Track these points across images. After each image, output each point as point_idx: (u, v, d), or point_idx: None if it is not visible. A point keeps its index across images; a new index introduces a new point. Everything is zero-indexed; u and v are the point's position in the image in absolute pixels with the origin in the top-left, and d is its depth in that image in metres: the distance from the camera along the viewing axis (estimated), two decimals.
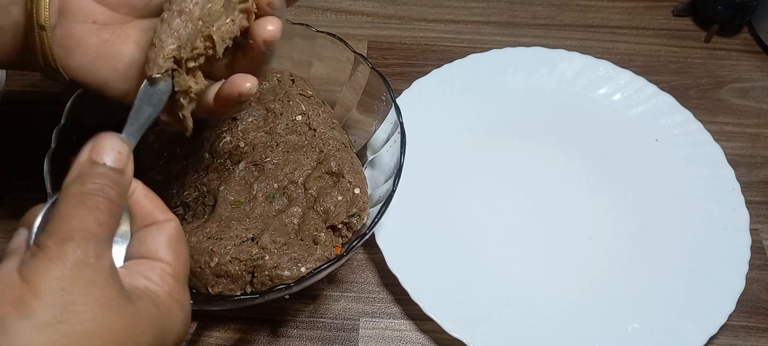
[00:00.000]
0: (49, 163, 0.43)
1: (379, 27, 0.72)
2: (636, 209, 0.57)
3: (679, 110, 0.62)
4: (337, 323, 0.50)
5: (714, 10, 0.70)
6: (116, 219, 0.28)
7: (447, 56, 0.65)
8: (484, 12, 0.74)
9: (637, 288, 0.52)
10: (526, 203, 0.57)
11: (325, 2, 0.73)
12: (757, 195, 0.59)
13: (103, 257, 0.26)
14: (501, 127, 0.62)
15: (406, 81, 0.63)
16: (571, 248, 0.54)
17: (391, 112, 0.50)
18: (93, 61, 0.34)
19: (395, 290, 0.51)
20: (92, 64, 0.34)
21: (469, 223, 0.55)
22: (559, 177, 0.59)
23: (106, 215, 0.27)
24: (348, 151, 0.50)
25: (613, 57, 0.67)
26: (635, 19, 0.74)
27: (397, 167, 0.47)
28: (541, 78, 0.65)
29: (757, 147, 0.63)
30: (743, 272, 0.51)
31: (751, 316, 0.52)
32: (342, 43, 0.52)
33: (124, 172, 0.29)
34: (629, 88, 0.64)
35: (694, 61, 0.71)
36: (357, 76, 0.53)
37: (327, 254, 0.44)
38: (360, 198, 0.47)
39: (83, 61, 0.33)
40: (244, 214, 0.45)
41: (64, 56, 0.33)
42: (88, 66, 0.34)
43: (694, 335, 0.48)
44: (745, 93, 0.68)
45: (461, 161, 0.59)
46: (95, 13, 0.33)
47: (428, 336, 0.50)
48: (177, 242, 0.31)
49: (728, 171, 0.58)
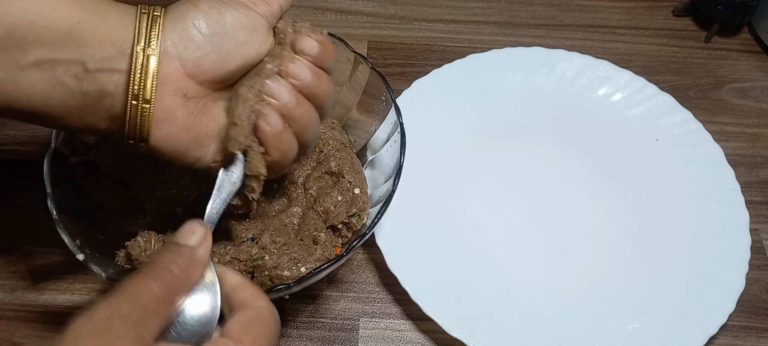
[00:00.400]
0: (49, 163, 0.43)
1: (379, 27, 0.72)
2: (636, 209, 0.57)
3: (679, 110, 0.62)
4: (337, 323, 0.50)
5: (714, 10, 0.70)
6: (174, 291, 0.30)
7: (447, 56, 0.65)
8: (484, 12, 0.74)
9: (637, 288, 0.52)
10: (526, 203, 0.57)
11: (325, 2, 0.73)
12: (757, 195, 0.59)
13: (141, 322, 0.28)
14: (501, 127, 0.62)
15: (406, 81, 0.63)
16: (571, 248, 0.54)
17: (391, 113, 0.50)
18: (180, 132, 0.35)
19: (395, 290, 0.51)
20: (178, 135, 0.35)
21: (469, 223, 0.55)
22: (559, 177, 0.59)
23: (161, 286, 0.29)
24: (348, 152, 0.50)
25: (613, 57, 0.67)
26: (635, 19, 0.74)
27: (397, 167, 0.47)
28: (541, 78, 0.65)
29: (757, 147, 0.63)
30: (743, 272, 0.51)
31: (751, 316, 0.52)
32: (342, 43, 0.52)
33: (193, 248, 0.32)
34: (629, 88, 0.64)
35: (694, 61, 0.71)
36: (357, 76, 0.53)
37: (327, 254, 0.44)
38: (360, 198, 0.47)
39: (170, 132, 0.35)
40: (244, 214, 0.45)
41: (153, 127, 0.34)
42: (173, 136, 0.35)
43: (694, 335, 0.48)
44: (745, 93, 0.68)
45: (461, 161, 0.59)
46: (186, 87, 0.34)
47: (428, 336, 0.50)
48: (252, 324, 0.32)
49: (728, 171, 0.58)
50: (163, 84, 0.34)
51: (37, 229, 0.53)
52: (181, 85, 0.34)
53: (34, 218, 0.54)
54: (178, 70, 0.34)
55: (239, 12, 0.35)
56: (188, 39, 0.34)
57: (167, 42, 0.33)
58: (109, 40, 0.33)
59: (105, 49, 0.33)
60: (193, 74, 0.34)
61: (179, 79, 0.34)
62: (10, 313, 0.50)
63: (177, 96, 0.34)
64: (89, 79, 0.33)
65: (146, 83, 0.33)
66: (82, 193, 0.45)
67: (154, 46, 0.33)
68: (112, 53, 0.33)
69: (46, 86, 0.33)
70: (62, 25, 0.32)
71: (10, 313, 0.50)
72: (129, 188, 0.46)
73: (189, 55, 0.34)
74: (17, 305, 0.50)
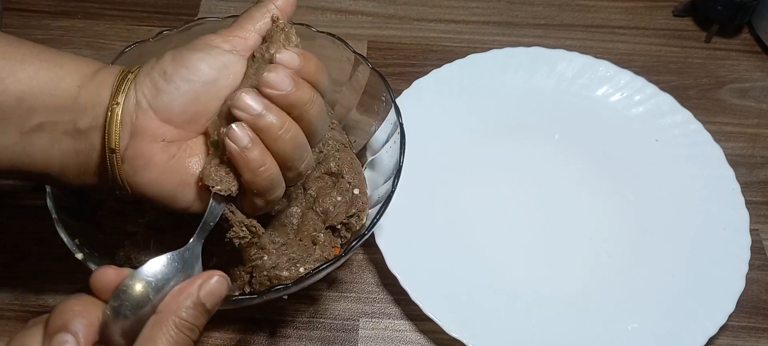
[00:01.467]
0: None
1: (379, 27, 0.72)
2: (636, 209, 0.57)
3: (679, 110, 0.62)
4: (336, 323, 0.50)
5: (714, 10, 0.70)
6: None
7: (447, 56, 0.65)
8: (484, 12, 0.74)
9: (637, 288, 0.52)
10: (526, 203, 0.57)
11: (325, 2, 0.73)
12: (757, 195, 0.59)
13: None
14: (501, 127, 0.62)
15: (406, 81, 0.63)
16: (570, 248, 0.54)
17: (391, 113, 0.50)
18: (160, 176, 0.35)
19: (395, 291, 0.51)
20: (159, 179, 0.35)
21: (469, 223, 0.55)
22: (559, 177, 0.59)
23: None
24: (347, 152, 0.50)
25: (613, 57, 0.67)
26: (635, 19, 0.74)
27: (396, 168, 0.47)
28: (541, 78, 0.65)
29: (757, 147, 0.63)
30: (743, 272, 0.51)
31: (751, 316, 0.52)
32: (342, 43, 0.52)
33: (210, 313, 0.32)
34: (629, 88, 0.64)
35: (694, 61, 0.70)
36: (357, 77, 0.53)
37: (326, 255, 0.44)
38: (359, 199, 0.47)
39: (150, 176, 0.35)
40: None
41: (133, 174, 0.35)
42: (155, 181, 0.35)
43: (694, 335, 0.48)
44: (745, 93, 0.68)
45: (461, 161, 0.59)
46: (163, 133, 0.35)
47: (428, 336, 0.50)
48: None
49: (728, 171, 0.58)
50: (140, 133, 0.35)
51: (37, 229, 0.53)
52: (158, 132, 0.35)
53: (34, 218, 0.54)
54: (151, 117, 0.35)
55: (204, 52, 0.36)
56: (155, 87, 0.35)
57: (139, 93, 0.35)
58: (98, 102, 0.35)
59: (95, 110, 0.35)
60: (167, 119, 0.35)
61: (155, 126, 0.35)
62: (9, 313, 0.50)
63: (155, 142, 0.35)
64: (82, 138, 0.36)
65: (111, 134, 0.35)
66: (81, 193, 0.45)
67: (119, 99, 0.35)
68: (99, 112, 0.35)
69: (47, 147, 0.36)
70: (68, 93, 0.35)
71: (9, 313, 0.50)
72: None
73: (158, 102, 0.35)
74: (17, 305, 0.50)
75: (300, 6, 0.41)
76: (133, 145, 0.35)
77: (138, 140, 0.35)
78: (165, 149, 0.35)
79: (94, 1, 0.72)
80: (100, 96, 0.35)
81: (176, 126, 0.36)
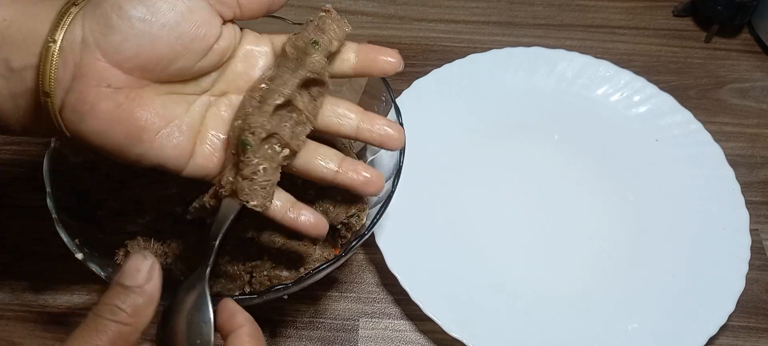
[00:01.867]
0: (49, 163, 0.43)
1: (379, 27, 0.72)
2: (636, 209, 0.57)
3: (679, 110, 0.62)
4: (336, 323, 0.50)
5: (714, 10, 0.70)
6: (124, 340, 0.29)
7: (447, 56, 0.65)
8: (484, 12, 0.74)
9: (637, 288, 0.52)
10: (526, 203, 0.57)
11: (325, 2, 0.73)
12: (757, 195, 0.59)
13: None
14: (501, 127, 0.62)
15: (406, 81, 0.63)
16: (570, 248, 0.54)
17: (391, 113, 0.50)
18: (105, 127, 0.32)
19: (395, 291, 0.51)
20: (106, 129, 0.32)
21: (469, 223, 0.55)
22: (559, 177, 0.59)
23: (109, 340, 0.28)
24: (348, 152, 0.50)
25: (613, 57, 0.67)
26: (635, 19, 0.74)
27: (396, 168, 0.47)
28: (541, 78, 0.65)
29: (757, 147, 0.63)
30: (743, 272, 0.51)
31: (751, 316, 0.52)
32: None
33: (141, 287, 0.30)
34: (629, 88, 0.64)
35: (694, 61, 0.70)
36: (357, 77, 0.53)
37: (325, 255, 0.44)
38: (359, 199, 0.47)
39: (95, 126, 0.32)
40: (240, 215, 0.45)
41: (77, 122, 0.32)
42: (101, 131, 0.32)
43: (694, 335, 0.48)
44: (745, 93, 0.68)
45: (461, 161, 0.59)
46: (109, 77, 0.31)
47: (428, 336, 0.50)
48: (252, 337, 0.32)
49: (728, 171, 0.58)
50: (83, 76, 0.31)
51: (37, 228, 0.53)
52: (105, 76, 0.31)
53: (33, 218, 0.54)
54: (97, 59, 0.31)
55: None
56: (106, 24, 0.31)
57: (85, 30, 0.31)
58: (33, 38, 0.32)
59: (28, 47, 0.32)
60: (115, 62, 0.31)
61: (102, 68, 0.31)
62: (9, 313, 0.50)
63: (100, 87, 0.31)
64: (16, 78, 0.32)
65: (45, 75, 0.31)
66: (81, 193, 0.45)
67: (56, 36, 0.31)
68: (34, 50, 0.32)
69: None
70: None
71: (9, 313, 0.50)
72: (128, 188, 0.46)
73: (107, 42, 0.31)
74: (17, 305, 0.50)
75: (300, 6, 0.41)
76: (75, 89, 0.31)
77: (81, 83, 0.31)
78: (111, 96, 0.32)
79: None
80: (36, 30, 0.31)
81: (125, 72, 0.32)
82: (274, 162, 0.34)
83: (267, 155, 0.34)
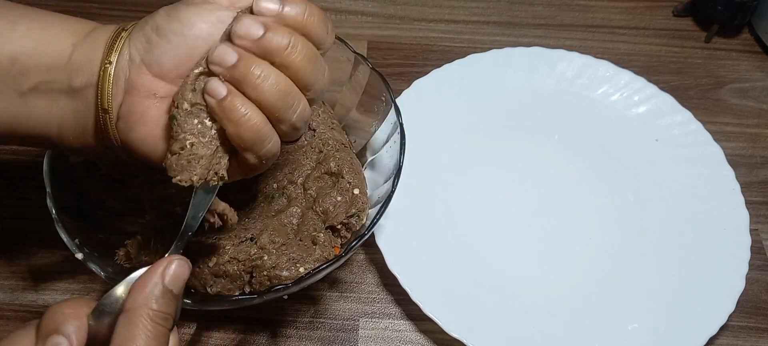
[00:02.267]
0: (49, 163, 0.43)
1: (379, 27, 0.72)
2: (636, 209, 0.57)
3: (679, 110, 0.62)
4: (336, 323, 0.50)
5: (714, 10, 0.70)
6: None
7: (447, 56, 0.65)
8: (484, 12, 0.74)
9: (637, 288, 0.52)
10: (526, 203, 0.57)
11: (325, 2, 0.73)
12: (757, 195, 0.59)
13: None
14: (501, 127, 0.62)
15: (406, 81, 0.63)
16: (571, 247, 0.54)
17: (391, 113, 0.50)
18: (153, 132, 0.35)
19: (395, 291, 0.51)
20: (152, 135, 0.35)
21: (469, 223, 0.55)
22: (559, 177, 0.59)
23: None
24: (347, 152, 0.50)
25: (613, 57, 0.67)
26: (635, 19, 0.74)
27: (396, 168, 0.47)
28: (541, 78, 0.65)
29: (757, 147, 0.63)
30: (743, 272, 0.51)
31: (751, 316, 0.52)
32: (342, 43, 0.52)
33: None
34: (629, 88, 0.64)
35: (694, 61, 0.70)
36: (357, 77, 0.53)
37: (326, 255, 0.44)
38: (359, 199, 0.47)
39: (144, 132, 0.35)
40: (243, 214, 0.45)
41: (127, 130, 0.35)
42: (148, 137, 0.35)
43: (694, 335, 0.48)
44: (745, 93, 0.68)
45: (461, 161, 0.59)
46: (155, 88, 0.35)
47: (428, 336, 0.50)
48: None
49: (728, 171, 0.58)
50: (133, 89, 0.34)
51: (37, 228, 0.53)
52: (151, 87, 0.34)
53: (34, 218, 0.54)
54: (144, 73, 0.34)
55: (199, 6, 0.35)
56: (147, 42, 0.35)
57: (132, 50, 0.35)
58: (92, 60, 0.35)
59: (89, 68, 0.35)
60: (159, 74, 0.34)
61: (148, 81, 0.34)
62: (10, 313, 0.50)
63: (148, 97, 0.35)
64: (78, 97, 0.36)
65: (103, 93, 0.35)
66: (81, 192, 0.45)
67: (112, 59, 0.35)
68: (93, 71, 0.35)
69: (45, 108, 0.36)
70: (61, 51, 0.35)
71: (10, 313, 0.50)
72: (128, 188, 0.46)
73: (150, 57, 0.34)
74: (17, 305, 0.50)
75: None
76: (126, 102, 0.35)
77: (132, 96, 0.34)
78: (157, 105, 0.35)
79: (94, 1, 0.72)
80: (94, 54, 0.35)
81: (169, 82, 0.35)
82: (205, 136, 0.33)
83: (196, 130, 0.33)
